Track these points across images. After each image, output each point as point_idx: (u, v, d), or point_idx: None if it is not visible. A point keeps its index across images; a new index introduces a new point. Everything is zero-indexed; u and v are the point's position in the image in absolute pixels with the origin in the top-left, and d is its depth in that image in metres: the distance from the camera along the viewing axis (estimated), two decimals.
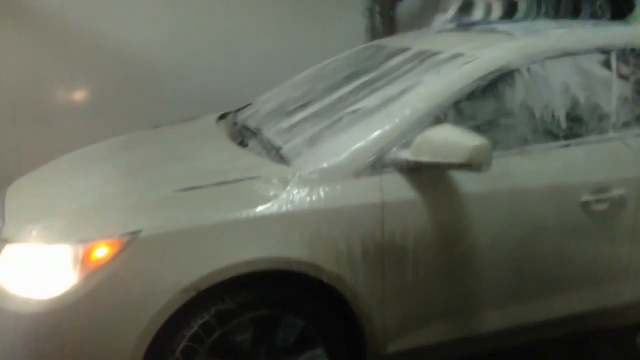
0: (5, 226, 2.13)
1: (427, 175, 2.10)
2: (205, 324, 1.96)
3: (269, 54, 4.43)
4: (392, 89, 2.32)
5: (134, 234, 1.89)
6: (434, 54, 2.46)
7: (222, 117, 3.01)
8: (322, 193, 2.02)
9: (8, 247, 2.01)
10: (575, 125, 2.31)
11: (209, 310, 1.96)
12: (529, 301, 2.30)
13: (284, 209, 1.98)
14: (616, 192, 2.29)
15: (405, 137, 2.10)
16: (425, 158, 2.03)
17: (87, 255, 1.89)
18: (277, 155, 2.24)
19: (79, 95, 4.21)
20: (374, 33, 5.05)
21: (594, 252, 2.33)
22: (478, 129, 2.16)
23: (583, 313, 2.39)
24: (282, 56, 3.52)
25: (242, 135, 2.58)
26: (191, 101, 3.80)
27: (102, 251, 1.89)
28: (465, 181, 2.12)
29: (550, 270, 2.29)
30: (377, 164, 2.08)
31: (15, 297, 1.92)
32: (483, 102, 2.23)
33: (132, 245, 1.88)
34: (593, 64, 2.38)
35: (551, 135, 2.27)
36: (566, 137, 2.29)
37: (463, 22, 3.14)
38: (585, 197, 2.25)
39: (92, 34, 4.14)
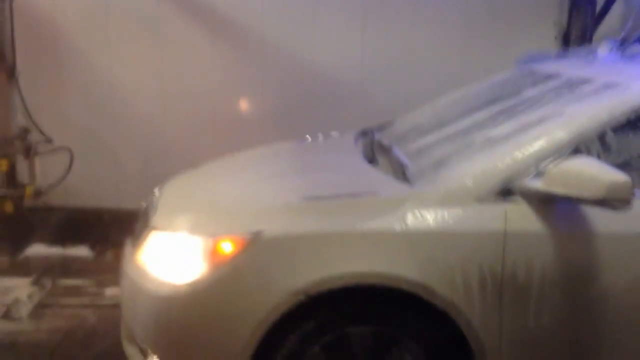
0: (156, 215, 2.40)
1: (558, 209, 1.97)
2: (313, 330, 2.02)
3: (451, 75, 4.34)
4: (532, 116, 2.22)
5: (257, 234, 2.02)
6: (584, 82, 2.30)
7: (363, 133, 3.09)
8: (441, 216, 1.99)
9: (154, 234, 2.27)
10: None
11: (318, 317, 2.02)
12: None
13: (399, 227, 1.98)
14: None
15: (538, 166, 1.99)
16: (557, 190, 1.91)
17: (215, 248, 2.07)
18: (402, 174, 2.26)
19: (269, 106, 4.60)
20: None
21: None
22: (623, 165, 1.97)
23: None
24: (465, 79, 3.46)
25: (374, 152, 2.63)
26: (370, 118, 3.91)
27: (228, 246, 2.05)
28: (601, 219, 1.95)
29: None
30: (504, 192, 2.00)
31: (154, 279, 2.15)
32: (633, 136, 2.04)
33: (254, 244, 2.02)
34: None
35: None
36: None
37: (630, 49, 2.88)
38: None
39: (286, 52, 4.52)
